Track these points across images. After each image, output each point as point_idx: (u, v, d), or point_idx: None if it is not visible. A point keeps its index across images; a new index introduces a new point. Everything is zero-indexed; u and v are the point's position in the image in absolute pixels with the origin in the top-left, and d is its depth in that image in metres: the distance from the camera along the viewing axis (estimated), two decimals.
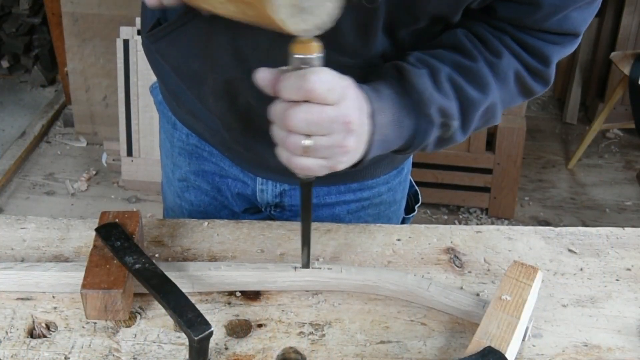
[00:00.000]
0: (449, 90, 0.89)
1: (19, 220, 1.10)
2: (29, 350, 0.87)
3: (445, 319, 0.94)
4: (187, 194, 1.25)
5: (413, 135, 0.89)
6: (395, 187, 1.24)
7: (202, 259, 1.03)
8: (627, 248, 1.08)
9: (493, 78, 0.92)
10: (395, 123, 0.86)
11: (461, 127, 0.92)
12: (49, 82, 3.98)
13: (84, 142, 3.52)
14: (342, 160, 0.80)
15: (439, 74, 0.89)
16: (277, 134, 0.77)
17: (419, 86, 0.87)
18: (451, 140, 0.94)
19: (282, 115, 0.75)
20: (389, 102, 0.85)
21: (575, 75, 3.81)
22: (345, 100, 0.76)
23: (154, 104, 1.28)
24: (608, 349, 0.90)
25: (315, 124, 0.74)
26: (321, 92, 0.73)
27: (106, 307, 0.88)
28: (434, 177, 3.08)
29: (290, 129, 0.75)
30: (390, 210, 1.27)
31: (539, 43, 0.93)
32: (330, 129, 0.76)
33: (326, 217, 1.20)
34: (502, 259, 1.05)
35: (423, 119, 0.88)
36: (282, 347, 0.89)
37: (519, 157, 3.01)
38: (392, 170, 1.21)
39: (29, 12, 3.85)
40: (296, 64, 0.74)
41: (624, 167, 3.52)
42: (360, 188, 1.19)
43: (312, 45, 0.73)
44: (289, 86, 0.74)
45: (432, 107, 0.87)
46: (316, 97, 0.73)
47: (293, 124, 0.74)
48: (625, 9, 3.57)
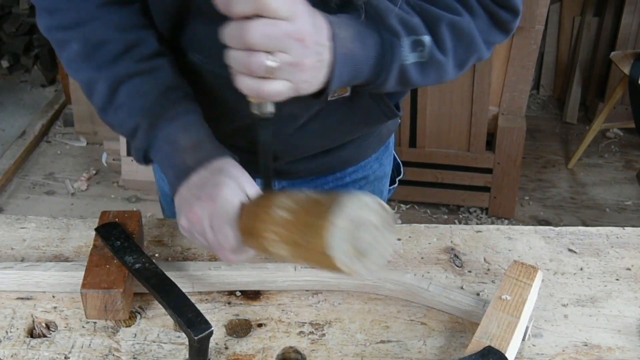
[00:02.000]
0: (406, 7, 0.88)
1: (19, 220, 1.10)
2: (29, 349, 0.87)
3: (445, 318, 0.94)
4: None
5: (382, 53, 0.86)
6: (384, 161, 1.27)
7: (202, 258, 1.03)
8: (627, 248, 1.08)
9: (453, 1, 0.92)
10: (357, 38, 0.84)
11: (436, 46, 0.91)
12: (49, 82, 3.98)
13: (84, 142, 3.52)
14: (303, 79, 0.78)
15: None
16: (237, 57, 0.76)
17: (373, 1, 0.85)
18: (436, 65, 0.92)
19: (238, 33, 0.74)
20: (347, 20, 0.84)
21: (575, 75, 3.81)
22: (298, 16, 0.75)
23: None
24: (608, 348, 0.90)
25: (273, 39, 0.74)
26: (273, 7, 0.72)
27: (106, 307, 0.88)
28: (434, 177, 3.08)
29: (250, 45, 0.74)
30: (382, 184, 1.30)
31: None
32: (287, 45, 0.75)
33: None
34: (502, 259, 1.05)
35: (386, 33, 0.86)
36: (282, 346, 0.89)
37: (519, 156, 3.01)
38: (380, 147, 1.24)
39: (29, 12, 3.86)
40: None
41: (624, 166, 3.52)
42: (356, 170, 1.22)
43: None
44: (240, 2, 0.73)
45: (391, 17, 0.86)
46: (268, 11, 0.72)
47: (252, 39, 0.73)
48: (625, 8, 3.57)
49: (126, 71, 0.92)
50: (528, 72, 2.94)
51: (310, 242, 0.69)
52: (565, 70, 3.95)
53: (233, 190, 0.83)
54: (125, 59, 0.93)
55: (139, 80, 0.92)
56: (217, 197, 0.82)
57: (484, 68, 2.81)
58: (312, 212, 0.70)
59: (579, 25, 3.82)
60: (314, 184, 1.21)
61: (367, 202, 0.68)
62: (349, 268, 0.68)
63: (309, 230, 0.69)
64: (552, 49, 3.94)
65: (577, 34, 3.85)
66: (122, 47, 0.93)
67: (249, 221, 0.79)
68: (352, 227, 0.67)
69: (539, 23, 2.83)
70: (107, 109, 0.94)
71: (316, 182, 1.21)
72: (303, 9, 0.76)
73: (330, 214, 0.67)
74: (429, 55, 0.90)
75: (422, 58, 0.90)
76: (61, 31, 0.94)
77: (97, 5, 0.92)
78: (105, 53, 0.92)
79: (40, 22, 0.97)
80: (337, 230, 0.66)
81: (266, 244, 0.76)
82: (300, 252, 0.72)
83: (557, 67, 3.98)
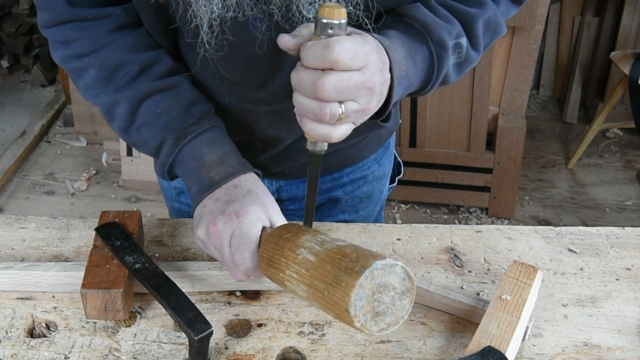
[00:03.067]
0: (446, 13, 0.91)
1: (19, 220, 1.10)
2: (29, 349, 0.87)
3: (445, 318, 0.94)
4: (183, 198, 1.26)
5: (431, 66, 0.89)
6: (384, 162, 1.28)
7: (202, 258, 1.03)
8: (627, 248, 1.08)
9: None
10: (409, 57, 0.86)
11: (471, 45, 0.93)
12: (49, 81, 3.98)
13: (84, 142, 3.53)
14: (363, 119, 0.82)
15: (430, 3, 0.91)
16: (307, 105, 0.78)
17: (419, 17, 0.88)
18: (468, 62, 0.95)
19: (311, 85, 0.76)
20: (398, 40, 0.86)
21: (575, 75, 3.81)
22: (369, 65, 0.77)
23: None
24: (608, 348, 0.90)
25: (345, 91, 0.76)
26: (346, 61, 0.74)
27: (106, 307, 0.88)
28: (434, 177, 3.08)
29: (322, 97, 0.75)
30: (381, 183, 1.31)
31: None
32: (357, 94, 0.77)
33: (323, 200, 1.24)
34: (502, 259, 1.05)
35: (434, 46, 0.88)
36: (282, 346, 0.89)
37: (519, 156, 3.01)
38: (380, 148, 1.25)
39: (29, 12, 3.86)
40: (322, 27, 0.75)
41: (624, 166, 3.52)
42: (354, 170, 1.23)
43: (338, 10, 0.75)
44: (312, 55, 0.75)
45: (439, 31, 0.88)
46: (341, 66, 0.74)
47: (325, 92, 0.75)
48: (625, 8, 3.57)
49: (146, 90, 0.94)
50: (528, 72, 2.94)
51: (331, 294, 0.70)
52: (565, 70, 3.95)
53: (259, 214, 0.85)
54: (144, 78, 0.94)
55: (159, 97, 0.94)
56: (243, 216, 0.84)
57: (484, 68, 2.81)
58: (338, 264, 0.70)
59: (579, 25, 3.82)
60: None
61: (395, 269, 0.69)
62: (363, 326, 0.69)
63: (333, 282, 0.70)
64: (552, 49, 3.94)
65: (577, 34, 3.85)
66: (138, 67, 0.94)
67: (271, 252, 0.80)
68: (375, 289, 0.68)
69: (539, 23, 2.83)
70: (129, 129, 0.96)
71: None
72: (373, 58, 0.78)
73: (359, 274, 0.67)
74: (466, 55, 0.94)
75: (459, 59, 0.93)
76: (78, 60, 0.95)
77: (109, 30, 0.94)
78: (122, 75, 0.94)
79: (55, 54, 0.99)
80: (362, 290, 0.67)
81: (284, 279, 0.77)
82: (317, 297, 0.72)
83: (557, 67, 3.99)
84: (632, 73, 3.01)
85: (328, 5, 0.75)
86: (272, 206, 0.88)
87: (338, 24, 0.75)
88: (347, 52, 0.74)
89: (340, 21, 0.75)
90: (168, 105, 0.94)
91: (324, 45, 0.74)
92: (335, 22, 0.75)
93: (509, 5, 1.01)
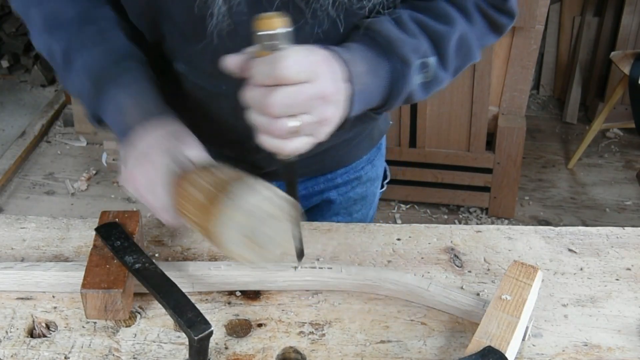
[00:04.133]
0: (414, 29, 0.89)
1: (19, 220, 1.10)
2: (29, 349, 0.87)
3: (445, 318, 0.94)
4: None
5: (393, 81, 0.88)
6: (376, 163, 1.28)
7: (202, 258, 1.03)
8: (627, 248, 1.08)
9: (456, 12, 0.93)
10: (371, 72, 0.85)
11: (441, 64, 0.92)
12: (49, 81, 3.98)
13: (84, 142, 3.52)
14: (324, 132, 0.80)
15: (401, 18, 0.89)
16: (259, 122, 0.77)
17: (384, 31, 0.87)
18: (437, 82, 0.94)
19: (260, 103, 0.75)
20: (360, 53, 0.85)
21: (575, 75, 3.81)
22: (319, 75, 0.76)
23: None
24: (608, 348, 0.90)
25: (295, 105, 0.74)
26: (293, 75, 0.73)
27: (106, 307, 0.88)
28: (434, 177, 3.08)
29: (272, 114, 0.75)
30: (374, 185, 1.31)
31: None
32: (309, 106, 0.76)
33: (318, 202, 1.24)
34: (502, 259, 1.05)
35: (397, 62, 0.87)
36: (282, 346, 0.89)
37: (519, 156, 3.01)
38: (372, 148, 1.24)
39: None
40: (262, 41, 0.73)
41: (624, 166, 3.51)
42: (347, 171, 1.23)
43: (275, 20, 0.73)
44: (259, 73, 0.74)
45: (403, 47, 0.87)
46: (289, 81, 0.73)
47: (274, 110, 0.74)
48: (625, 8, 3.56)
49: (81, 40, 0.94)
50: (528, 72, 2.94)
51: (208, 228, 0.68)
52: (565, 70, 3.95)
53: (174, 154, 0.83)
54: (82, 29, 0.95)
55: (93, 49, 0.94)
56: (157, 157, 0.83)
57: (484, 68, 2.81)
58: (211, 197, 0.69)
59: (579, 25, 3.82)
60: (304, 185, 1.21)
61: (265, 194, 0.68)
62: (241, 256, 0.67)
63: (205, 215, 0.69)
64: (552, 49, 3.93)
65: (577, 34, 3.85)
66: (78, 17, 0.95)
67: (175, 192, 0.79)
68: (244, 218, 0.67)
69: (539, 23, 2.83)
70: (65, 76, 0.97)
71: (307, 184, 1.21)
72: (323, 66, 0.77)
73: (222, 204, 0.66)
74: (433, 75, 0.92)
75: (426, 78, 0.92)
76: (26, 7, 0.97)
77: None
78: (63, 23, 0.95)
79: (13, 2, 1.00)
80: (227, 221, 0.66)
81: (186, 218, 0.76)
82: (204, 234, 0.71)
83: (557, 67, 3.98)
84: (632, 73, 3.00)
85: (263, 17, 0.73)
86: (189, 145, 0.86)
87: (276, 34, 0.73)
88: (294, 65, 0.73)
89: (277, 31, 0.73)
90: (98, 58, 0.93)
91: (269, 61, 0.73)
92: (272, 32, 0.73)
93: (485, 31, 0.98)
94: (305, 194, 1.22)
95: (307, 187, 1.21)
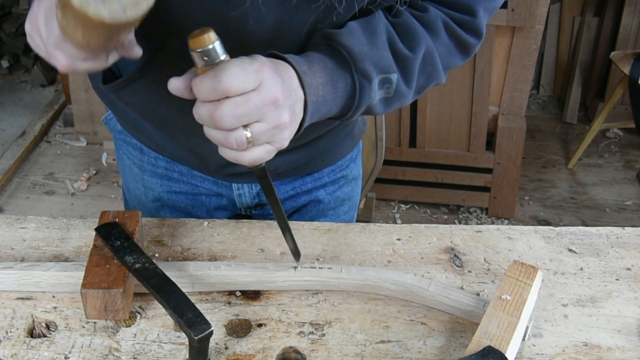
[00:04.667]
0: (379, 44, 0.89)
1: (19, 220, 1.10)
2: (29, 349, 0.87)
3: (445, 318, 0.94)
4: (162, 213, 1.26)
5: (351, 95, 0.88)
6: (358, 162, 1.29)
7: (202, 258, 1.03)
8: (627, 248, 1.08)
9: (423, 28, 0.92)
10: (328, 83, 0.85)
11: (404, 82, 0.92)
12: (49, 82, 3.98)
13: (84, 142, 3.52)
14: (284, 137, 0.79)
15: (366, 30, 0.88)
16: (215, 136, 0.76)
17: (348, 43, 0.86)
18: (399, 98, 0.93)
19: (210, 118, 0.74)
20: (320, 64, 0.84)
21: (575, 75, 3.81)
22: (264, 81, 0.75)
23: (111, 132, 1.27)
24: (608, 348, 0.90)
25: (246, 115, 0.74)
26: (237, 85, 0.73)
27: (106, 307, 0.88)
28: (434, 177, 3.08)
29: (224, 127, 0.74)
30: (357, 185, 1.31)
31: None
32: (261, 114, 0.75)
33: (306, 202, 1.24)
34: (502, 259, 1.05)
35: (358, 76, 0.87)
36: (282, 346, 0.89)
37: (519, 156, 3.01)
38: (354, 147, 1.25)
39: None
40: (199, 59, 0.73)
41: (624, 166, 3.52)
42: (334, 170, 1.23)
43: (204, 37, 0.72)
44: (204, 90, 0.73)
45: (365, 62, 0.86)
46: (234, 92, 0.73)
47: (225, 122, 0.74)
48: (625, 8, 3.57)
49: None
50: (528, 72, 2.94)
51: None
52: (565, 70, 3.95)
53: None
54: None
55: None
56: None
57: (484, 68, 2.81)
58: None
59: (579, 25, 3.82)
60: (292, 185, 1.21)
61: None
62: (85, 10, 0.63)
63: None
64: (552, 49, 3.94)
65: (577, 34, 3.85)
66: None
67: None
68: None
69: (539, 23, 2.83)
70: None
71: (294, 184, 1.22)
72: (267, 73, 0.76)
73: None
74: (395, 91, 0.92)
75: (388, 94, 0.92)
76: None
77: None
78: None
79: None
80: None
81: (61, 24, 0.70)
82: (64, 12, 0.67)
83: (557, 67, 3.99)
84: (632, 73, 3.01)
85: (193, 35, 0.72)
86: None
87: (210, 49, 0.72)
88: (236, 76, 0.72)
89: (210, 46, 0.72)
90: None
91: (212, 76, 0.72)
92: (206, 48, 0.72)
93: (452, 50, 0.98)
94: (293, 194, 1.22)
95: (294, 187, 1.21)
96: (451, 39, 0.96)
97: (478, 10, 0.95)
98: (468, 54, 1.01)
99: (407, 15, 0.92)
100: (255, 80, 0.74)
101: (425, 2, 0.94)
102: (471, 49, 1.00)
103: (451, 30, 0.95)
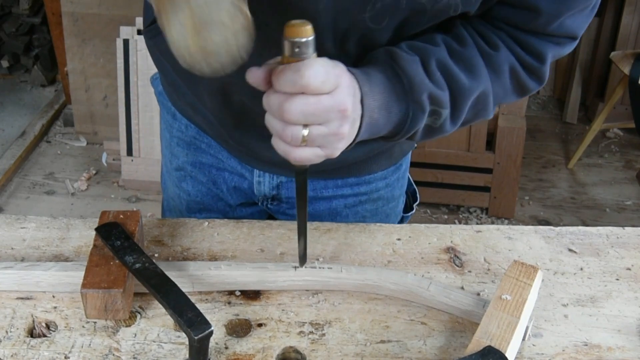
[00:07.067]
0: (439, 78, 0.89)
1: (19, 220, 1.10)
2: (29, 349, 0.87)
3: (445, 318, 0.94)
4: (184, 184, 1.26)
5: (402, 121, 0.88)
6: (393, 184, 1.24)
7: (202, 258, 1.03)
8: (627, 247, 1.08)
9: (486, 68, 0.92)
10: (384, 107, 0.85)
11: (451, 117, 0.92)
12: (49, 82, 3.98)
13: (84, 142, 3.52)
14: (338, 147, 0.80)
15: (430, 60, 0.88)
16: (274, 125, 0.77)
17: (410, 72, 0.86)
18: (440, 130, 0.93)
19: (278, 108, 0.75)
20: (380, 87, 0.85)
21: (575, 75, 3.81)
22: (340, 88, 0.76)
23: (155, 94, 1.28)
24: (608, 348, 0.90)
25: (312, 115, 0.75)
26: (316, 85, 0.73)
27: (106, 307, 0.88)
28: (434, 177, 3.08)
29: (288, 121, 0.75)
30: (389, 207, 1.27)
31: (535, 41, 0.93)
32: (326, 118, 0.76)
33: (323, 211, 1.21)
34: (502, 259, 1.05)
35: (413, 105, 0.87)
36: (282, 346, 0.89)
37: (519, 156, 3.01)
38: (389, 167, 1.21)
39: (29, 12, 3.85)
40: (290, 48, 0.74)
41: (624, 166, 3.52)
42: (358, 183, 1.19)
43: (304, 28, 0.73)
44: (283, 80, 0.74)
45: (423, 94, 0.87)
46: (312, 90, 0.74)
47: (291, 116, 0.74)
48: (625, 8, 3.57)
49: None
50: None
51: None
52: (565, 70, 3.95)
53: None
54: None
55: None
56: None
57: None
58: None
59: None
60: (312, 186, 1.18)
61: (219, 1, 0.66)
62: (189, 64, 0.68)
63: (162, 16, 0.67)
64: None
65: None
66: None
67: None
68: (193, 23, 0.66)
69: None
70: None
71: (315, 185, 1.18)
72: (345, 81, 0.77)
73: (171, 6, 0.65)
74: (440, 124, 0.92)
75: (433, 124, 0.92)
76: None
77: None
78: None
79: None
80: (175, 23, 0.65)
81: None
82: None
83: (557, 67, 3.98)
84: (632, 73, 3.01)
85: (293, 24, 0.73)
86: None
87: (306, 42, 0.73)
88: (318, 75, 0.73)
89: (307, 39, 0.73)
90: None
91: (295, 69, 0.73)
92: (303, 40, 0.73)
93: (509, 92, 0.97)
94: (312, 195, 1.19)
95: (314, 189, 1.18)
96: (512, 81, 0.95)
97: (548, 57, 0.94)
98: (524, 96, 0.99)
99: (473, 50, 0.91)
100: (333, 85, 0.75)
101: (500, 39, 0.92)
102: (529, 93, 0.99)
103: (516, 75, 0.94)
